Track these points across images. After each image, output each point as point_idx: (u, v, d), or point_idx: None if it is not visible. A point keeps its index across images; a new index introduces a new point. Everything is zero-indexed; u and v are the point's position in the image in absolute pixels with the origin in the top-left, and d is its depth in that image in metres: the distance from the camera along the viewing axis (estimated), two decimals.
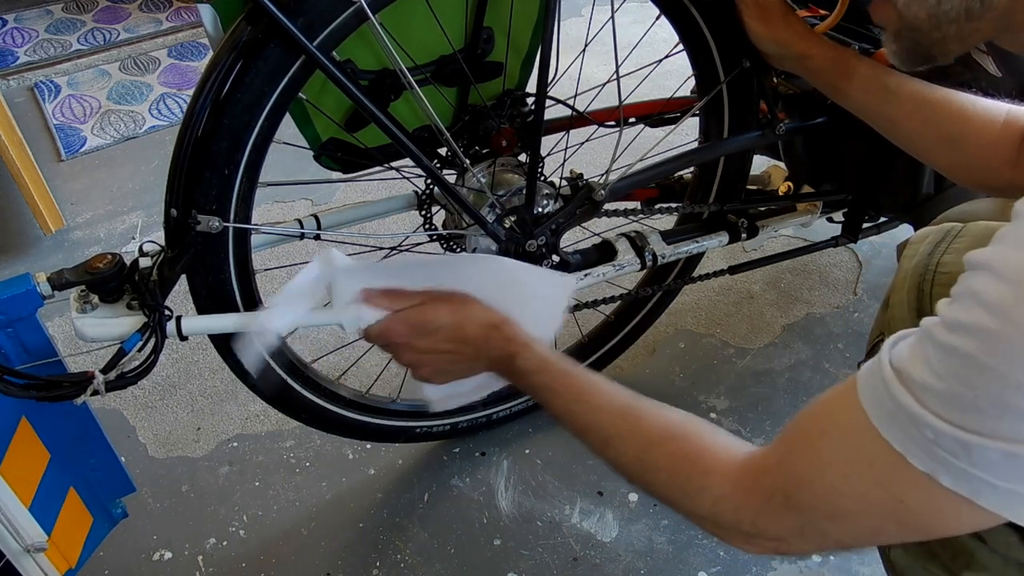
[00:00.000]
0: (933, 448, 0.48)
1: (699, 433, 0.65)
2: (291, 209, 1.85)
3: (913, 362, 0.49)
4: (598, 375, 0.74)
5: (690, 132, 1.19)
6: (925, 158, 0.93)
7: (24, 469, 0.83)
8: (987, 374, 0.45)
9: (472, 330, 0.81)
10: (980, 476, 0.46)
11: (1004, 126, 0.83)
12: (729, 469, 0.60)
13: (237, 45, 0.78)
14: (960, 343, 0.46)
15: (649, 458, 0.66)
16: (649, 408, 0.69)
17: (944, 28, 0.61)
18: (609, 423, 0.69)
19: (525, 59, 1.01)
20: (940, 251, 0.74)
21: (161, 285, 0.83)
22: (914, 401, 0.48)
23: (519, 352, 0.78)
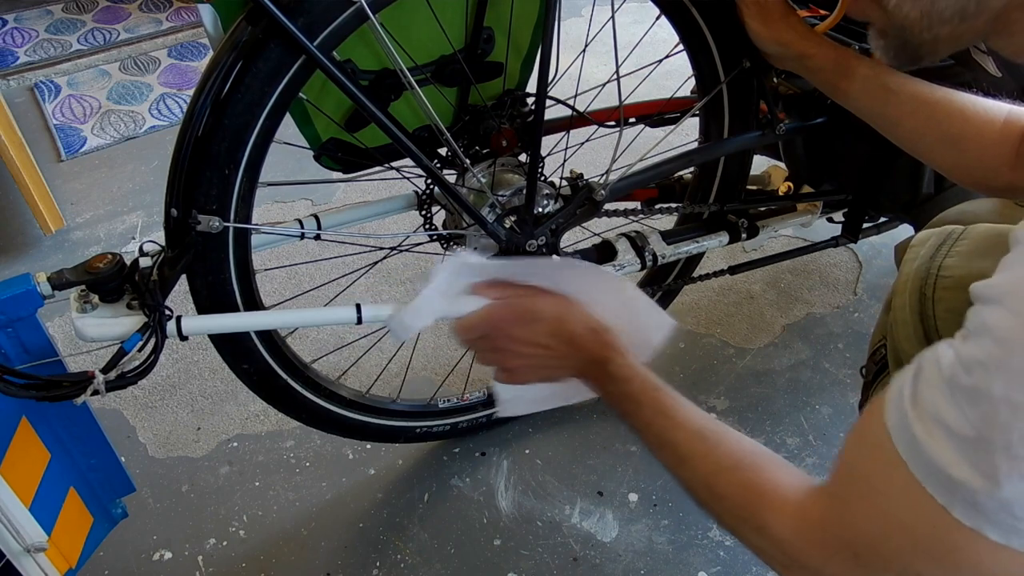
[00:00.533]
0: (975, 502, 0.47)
1: (769, 466, 0.64)
2: (291, 209, 1.85)
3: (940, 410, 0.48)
4: (684, 398, 0.74)
5: (690, 132, 1.19)
6: (925, 158, 0.92)
7: (24, 469, 0.83)
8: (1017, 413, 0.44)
9: (574, 328, 0.80)
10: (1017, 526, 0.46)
11: (1004, 127, 0.83)
12: (791, 511, 0.60)
13: (237, 45, 0.78)
14: (982, 383, 0.45)
15: (717, 484, 0.65)
16: (727, 434, 0.68)
17: (936, 28, 0.60)
18: (686, 442, 0.69)
19: (525, 59, 1.01)
20: (942, 254, 0.74)
21: (161, 285, 0.83)
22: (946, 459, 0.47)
23: (614, 358, 0.78)
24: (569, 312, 0.81)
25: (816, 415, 1.36)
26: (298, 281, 1.64)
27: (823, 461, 1.28)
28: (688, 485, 0.69)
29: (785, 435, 1.33)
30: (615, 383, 0.77)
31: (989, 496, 0.46)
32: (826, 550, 0.57)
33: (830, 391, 1.40)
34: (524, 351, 0.82)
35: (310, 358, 1.14)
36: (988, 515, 0.46)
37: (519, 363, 0.83)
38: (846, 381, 1.41)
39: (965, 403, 0.46)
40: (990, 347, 0.46)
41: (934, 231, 0.78)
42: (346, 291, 1.50)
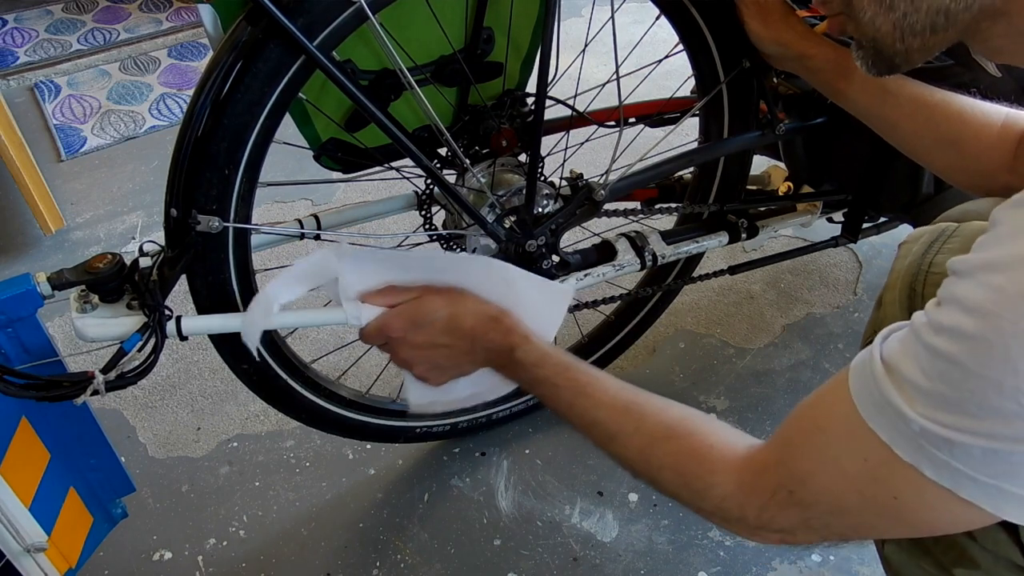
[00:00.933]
0: (918, 441, 0.49)
1: (702, 429, 0.66)
2: (291, 209, 1.85)
3: (902, 358, 0.51)
4: (598, 370, 0.74)
5: (690, 132, 1.19)
6: (922, 160, 0.93)
7: (24, 469, 0.83)
8: (970, 377, 0.47)
9: (469, 321, 0.80)
10: (962, 470, 0.48)
11: (1002, 130, 0.83)
12: (732, 466, 0.62)
13: (237, 45, 0.78)
14: (945, 346, 0.48)
15: (653, 456, 0.67)
16: (652, 404, 0.69)
17: (908, 40, 0.61)
18: (612, 419, 0.70)
19: (525, 59, 1.01)
20: (933, 251, 0.75)
21: (161, 285, 0.83)
22: (900, 397, 0.50)
23: (519, 344, 0.78)
24: (461, 306, 0.81)
25: None
26: None
27: None
28: (622, 461, 0.70)
29: None
30: (525, 369, 0.77)
31: (934, 435, 0.48)
32: (765, 493, 0.59)
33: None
34: (425, 355, 0.83)
35: (310, 358, 1.14)
36: (926, 451, 0.49)
37: (424, 367, 0.84)
38: None
39: (928, 358, 0.49)
40: (958, 316, 0.48)
41: (927, 229, 0.79)
42: None
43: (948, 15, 0.57)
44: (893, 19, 0.60)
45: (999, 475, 0.47)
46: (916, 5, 0.58)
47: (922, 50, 0.62)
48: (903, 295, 0.73)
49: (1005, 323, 0.45)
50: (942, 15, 0.57)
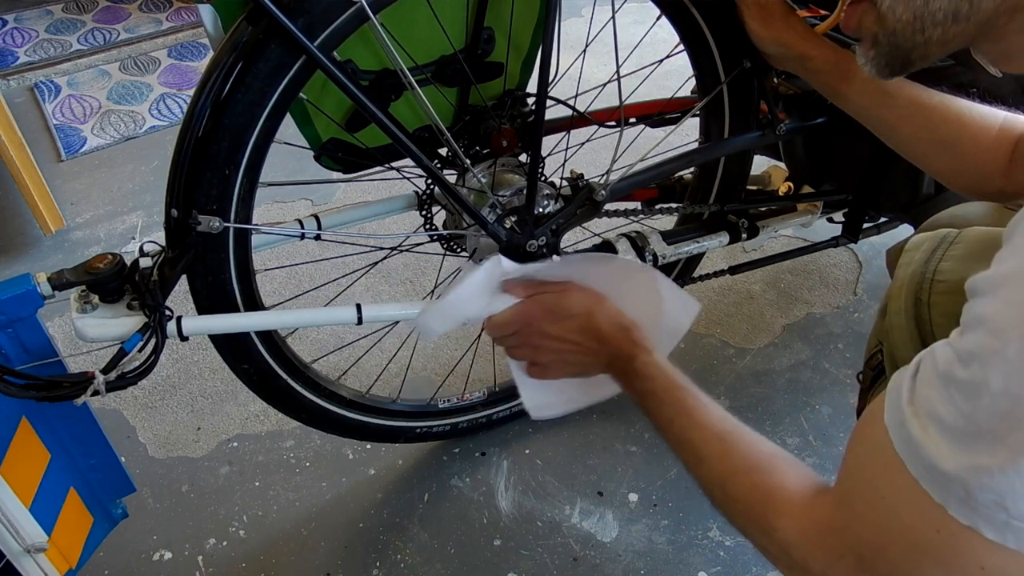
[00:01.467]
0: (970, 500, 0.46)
1: (780, 469, 0.65)
2: (291, 209, 1.85)
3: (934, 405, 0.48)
4: (707, 397, 0.75)
5: (690, 132, 1.19)
6: (920, 162, 0.93)
7: (24, 469, 0.83)
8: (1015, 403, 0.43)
9: (603, 325, 0.83)
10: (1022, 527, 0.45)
11: (999, 133, 0.83)
12: (798, 514, 0.60)
13: (238, 45, 0.77)
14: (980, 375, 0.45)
15: (731, 486, 0.66)
16: (745, 438, 0.69)
17: (928, 31, 0.60)
18: (704, 443, 0.70)
19: (526, 59, 1.01)
20: (936, 259, 0.74)
21: (161, 285, 0.83)
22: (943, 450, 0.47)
23: (639, 356, 0.80)
24: (599, 309, 0.84)
25: (816, 415, 1.36)
26: (298, 281, 1.64)
27: (823, 461, 1.28)
28: (704, 485, 0.70)
29: (785, 435, 1.33)
30: (640, 380, 0.79)
31: (982, 489, 0.45)
32: (831, 554, 0.57)
33: (830, 391, 1.40)
34: (555, 346, 0.85)
35: (310, 358, 1.14)
36: (982, 511, 0.46)
37: (550, 358, 0.86)
38: (846, 381, 1.41)
39: (961, 397, 0.46)
40: (985, 338, 0.45)
41: (928, 235, 0.78)
42: (346, 291, 1.50)
43: (973, 1, 0.56)
44: (913, 8, 0.59)
45: None
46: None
47: (940, 43, 0.60)
48: (908, 304, 0.73)
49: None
50: (967, 1, 0.56)
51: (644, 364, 0.79)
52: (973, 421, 0.45)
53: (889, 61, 0.65)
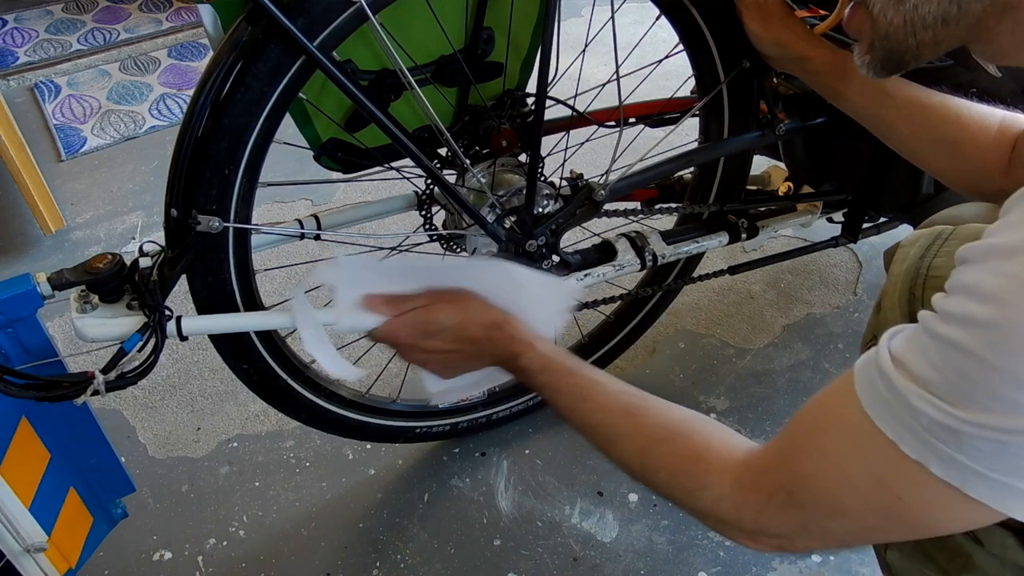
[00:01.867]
0: (925, 436, 0.48)
1: (701, 431, 0.65)
2: (291, 209, 1.85)
3: (910, 352, 0.50)
4: (602, 373, 0.75)
5: (690, 132, 1.19)
6: (920, 162, 0.93)
7: (24, 469, 0.83)
8: (983, 367, 0.45)
9: (475, 330, 0.82)
10: (971, 466, 0.47)
11: (998, 133, 0.83)
12: (730, 467, 0.61)
13: (237, 45, 0.78)
14: (956, 335, 0.47)
15: (651, 457, 0.67)
16: (652, 407, 0.70)
17: (920, 34, 0.60)
18: (611, 422, 0.70)
19: (525, 59, 1.01)
20: (931, 254, 0.74)
21: (161, 285, 0.83)
22: (909, 389, 0.49)
23: (522, 352, 0.79)
24: (468, 315, 0.82)
25: None
26: (298, 281, 1.64)
27: None
28: (621, 464, 0.70)
29: None
30: (529, 375, 0.79)
31: (944, 428, 0.47)
32: (762, 495, 0.58)
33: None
34: (437, 358, 0.85)
35: (310, 358, 1.14)
36: (934, 447, 0.48)
37: (436, 367, 0.86)
38: None
39: (938, 348, 0.48)
40: (970, 304, 0.47)
41: (923, 232, 0.78)
42: None
43: (960, 5, 0.56)
44: (904, 12, 0.60)
45: (1009, 471, 0.46)
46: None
47: (933, 45, 0.61)
48: (903, 299, 0.73)
49: (1020, 311, 0.44)
50: (955, 5, 0.57)
51: (529, 360, 0.79)
52: (947, 374, 0.47)
53: (884, 63, 0.66)
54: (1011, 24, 0.56)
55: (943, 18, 0.58)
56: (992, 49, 0.60)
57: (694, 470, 0.63)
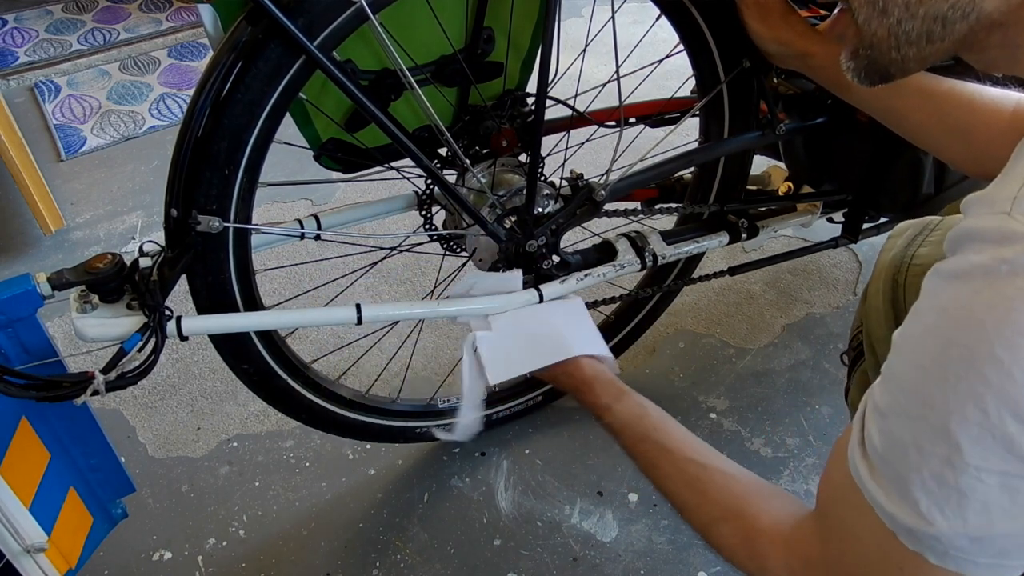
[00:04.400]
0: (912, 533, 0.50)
1: (754, 512, 0.67)
2: (291, 209, 1.85)
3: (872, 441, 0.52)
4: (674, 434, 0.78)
5: (690, 132, 1.19)
6: (933, 150, 0.92)
7: (24, 469, 0.83)
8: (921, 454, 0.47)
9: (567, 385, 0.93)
10: (960, 556, 0.49)
11: (1013, 116, 0.82)
12: (779, 550, 0.63)
13: (237, 45, 0.77)
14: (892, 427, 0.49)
15: (712, 535, 0.70)
16: (715, 480, 0.72)
17: (904, 49, 0.59)
18: (677, 492, 0.74)
19: (525, 59, 1.01)
20: (916, 244, 0.75)
21: (161, 285, 0.83)
22: (883, 494, 0.51)
23: (603, 416, 0.85)
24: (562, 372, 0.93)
25: (816, 415, 1.36)
26: (298, 281, 1.64)
27: (823, 461, 1.28)
28: (689, 525, 0.73)
29: (785, 435, 1.33)
30: (611, 433, 0.84)
31: (918, 526, 0.49)
32: (809, 572, 0.60)
33: (830, 391, 1.40)
34: None
35: (310, 358, 1.14)
36: (923, 541, 0.49)
37: None
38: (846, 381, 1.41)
39: (882, 450, 0.50)
40: (895, 394, 0.49)
41: (912, 222, 0.79)
42: (346, 291, 1.50)
43: (945, 23, 0.55)
44: (887, 25, 0.59)
45: (992, 555, 0.48)
46: (912, 12, 0.56)
47: (918, 60, 0.60)
48: (887, 286, 0.74)
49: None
50: (939, 23, 0.56)
51: (608, 424, 0.84)
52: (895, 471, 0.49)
53: (868, 72, 0.64)
54: (1000, 39, 0.55)
55: (927, 35, 0.57)
56: (983, 60, 0.59)
57: (751, 554, 0.65)
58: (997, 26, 0.54)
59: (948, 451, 0.46)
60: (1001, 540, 0.47)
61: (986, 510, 0.46)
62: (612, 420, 0.83)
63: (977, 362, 0.44)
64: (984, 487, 0.45)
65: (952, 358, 0.46)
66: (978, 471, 0.45)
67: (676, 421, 0.80)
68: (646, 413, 0.81)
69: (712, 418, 1.36)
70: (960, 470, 0.46)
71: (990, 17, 0.54)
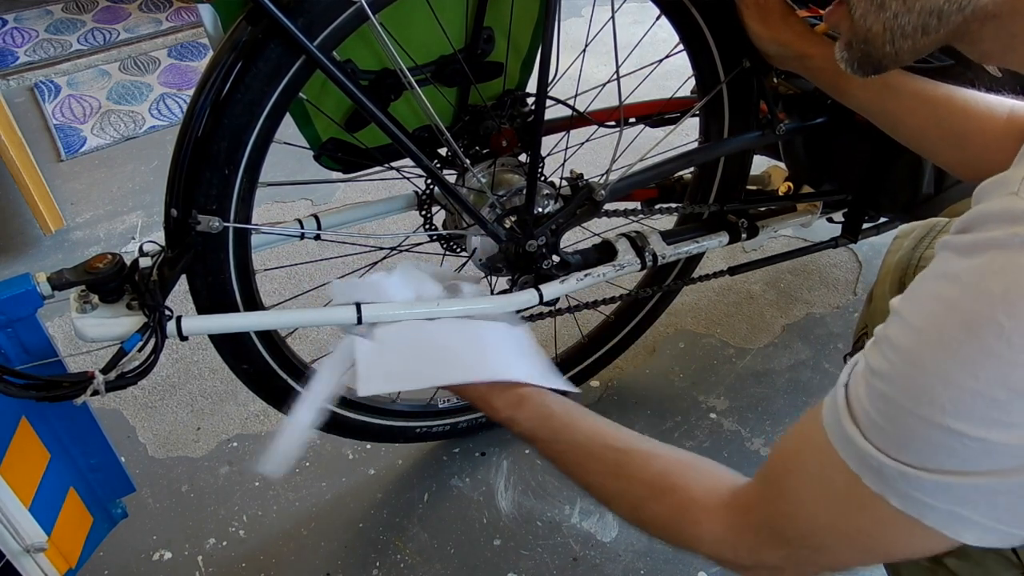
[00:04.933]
0: (881, 472, 0.50)
1: (682, 482, 0.66)
2: (291, 209, 1.85)
3: (857, 395, 0.52)
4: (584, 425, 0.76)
5: (690, 132, 1.19)
6: (928, 155, 0.92)
7: (24, 469, 0.83)
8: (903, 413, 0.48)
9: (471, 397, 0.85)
10: (922, 499, 0.49)
11: (1007, 123, 0.83)
12: (717, 512, 0.63)
13: (237, 45, 0.77)
14: (880, 386, 0.49)
15: (643, 516, 0.69)
16: (635, 461, 0.70)
17: (899, 43, 0.60)
18: (601, 484, 0.72)
19: (525, 59, 1.01)
20: (923, 245, 0.75)
21: (161, 285, 0.83)
22: (859, 434, 0.51)
23: (511, 427, 0.81)
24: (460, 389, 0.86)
25: None
26: (298, 281, 1.64)
27: None
28: (621, 518, 0.73)
29: None
30: (527, 441, 0.81)
31: (888, 467, 0.49)
32: (752, 532, 0.60)
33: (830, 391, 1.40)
34: None
35: (310, 358, 1.14)
36: (889, 481, 0.49)
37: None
38: None
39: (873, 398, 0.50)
40: (891, 357, 0.49)
41: (919, 223, 0.79)
42: None
43: (940, 16, 0.56)
44: (884, 19, 0.59)
45: (953, 502, 0.48)
46: (908, 5, 0.57)
47: (912, 52, 0.61)
48: (893, 289, 0.74)
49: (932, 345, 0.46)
50: (934, 16, 0.56)
51: (519, 434, 0.81)
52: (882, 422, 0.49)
53: (861, 63, 0.65)
54: (994, 30, 0.56)
55: (922, 28, 0.58)
56: (977, 51, 0.60)
57: (685, 523, 0.64)
58: (991, 17, 0.55)
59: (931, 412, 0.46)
60: (967, 490, 0.47)
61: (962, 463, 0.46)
62: (520, 430, 0.80)
63: (977, 327, 0.44)
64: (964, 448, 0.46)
65: (953, 322, 0.46)
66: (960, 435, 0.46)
67: (585, 410, 0.78)
68: (551, 413, 0.78)
69: (712, 418, 1.36)
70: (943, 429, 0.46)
71: (985, 9, 0.54)
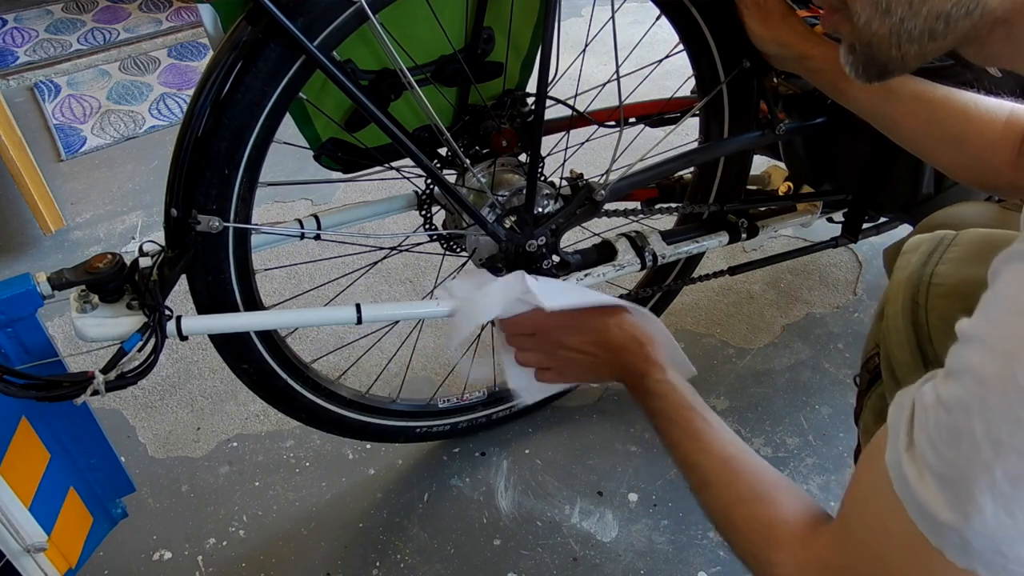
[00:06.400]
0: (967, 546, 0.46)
1: (782, 501, 0.65)
2: (291, 209, 1.85)
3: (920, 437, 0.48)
4: (718, 419, 0.75)
5: (690, 132, 1.19)
6: (926, 157, 0.92)
7: (24, 469, 0.83)
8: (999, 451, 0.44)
9: (618, 337, 0.85)
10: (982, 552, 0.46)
11: (1006, 126, 0.83)
12: (797, 549, 0.61)
13: (237, 45, 0.77)
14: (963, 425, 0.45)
15: (733, 516, 0.67)
16: (750, 465, 0.69)
17: (904, 47, 0.59)
18: (709, 468, 0.71)
19: (525, 59, 1.01)
20: (933, 261, 0.73)
21: (161, 285, 0.83)
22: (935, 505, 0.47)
23: (652, 373, 0.81)
24: (615, 320, 0.86)
25: (816, 415, 1.36)
26: (298, 281, 1.64)
27: (823, 461, 1.28)
28: (708, 511, 0.71)
29: (785, 435, 1.33)
30: (651, 398, 0.80)
31: (976, 535, 0.45)
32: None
33: (830, 391, 1.40)
34: (569, 356, 0.88)
35: (310, 358, 1.14)
36: (978, 555, 0.46)
37: (563, 366, 0.89)
38: (846, 381, 1.41)
39: (946, 444, 0.46)
40: (971, 386, 0.45)
41: (925, 237, 0.77)
42: (346, 291, 1.50)
43: (948, 21, 0.55)
44: (890, 24, 0.58)
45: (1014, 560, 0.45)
46: (915, 10, 0.56)
47: (918, 57, 0.60)
48: (905, 307, 0.72)
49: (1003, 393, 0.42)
50: (942, 21, 0.56)
51: (656, 382, 0.79)
52: (958, 468, 0.45)
53: (866, 69, 0.64)
54: (1003, 35, 0.55)
55: (929, 32, 0.57)
56: (983, 54, 0.59)
57: (765, 542, 0.63)
58: (1001, 22, 0.54)
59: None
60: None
61: None
62: (661, 379, 0.79)
63: None
64: None
65: None
66: None
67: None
68: (693, 391, 0.79)
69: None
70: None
71: (994, 13, 0.54)
